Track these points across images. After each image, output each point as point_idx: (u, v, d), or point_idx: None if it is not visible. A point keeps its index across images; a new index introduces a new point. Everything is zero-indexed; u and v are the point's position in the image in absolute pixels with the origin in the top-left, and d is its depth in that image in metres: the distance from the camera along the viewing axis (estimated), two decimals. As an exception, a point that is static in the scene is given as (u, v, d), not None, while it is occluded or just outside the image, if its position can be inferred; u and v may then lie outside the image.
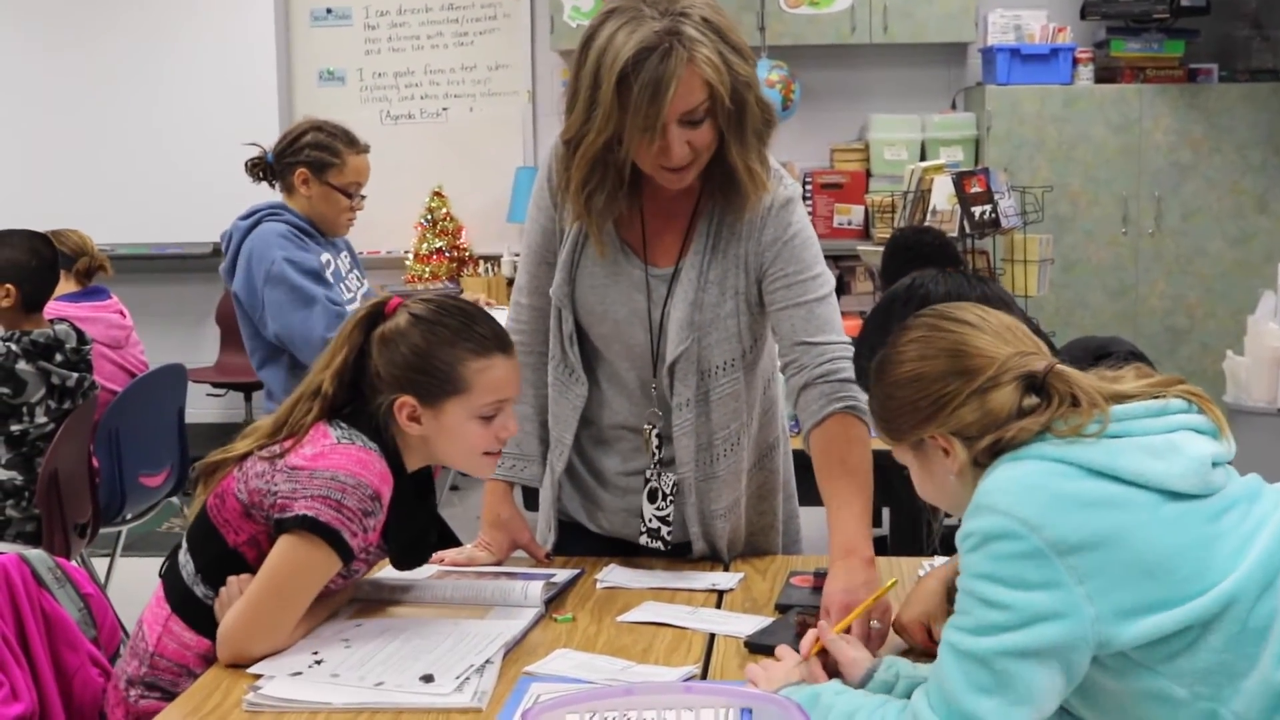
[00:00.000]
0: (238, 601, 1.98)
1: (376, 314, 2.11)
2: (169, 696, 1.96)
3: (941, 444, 1.69)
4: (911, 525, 3.70)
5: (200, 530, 2.09)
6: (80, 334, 3.97)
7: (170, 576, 2.10)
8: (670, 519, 2.37)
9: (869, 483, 2.19)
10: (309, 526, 1.95)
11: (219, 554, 2.05)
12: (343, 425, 2.05)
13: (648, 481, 2.37)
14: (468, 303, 2.18)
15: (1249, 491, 1.63)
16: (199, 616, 2.04)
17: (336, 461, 1.98)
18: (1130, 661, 1.54)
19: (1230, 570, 1.54)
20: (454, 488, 6.49)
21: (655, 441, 2.35)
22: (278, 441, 2.05)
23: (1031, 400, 1.64)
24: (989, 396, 1.65)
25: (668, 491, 2.36)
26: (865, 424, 2.22)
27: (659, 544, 2.38)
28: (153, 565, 2.20)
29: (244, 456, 2.07)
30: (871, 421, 2.22)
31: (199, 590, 2.05)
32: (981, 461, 1.66)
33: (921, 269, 3.92)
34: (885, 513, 4.46)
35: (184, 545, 2.11)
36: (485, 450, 2.11)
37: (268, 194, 3.82)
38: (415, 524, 2.15)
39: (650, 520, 2.38)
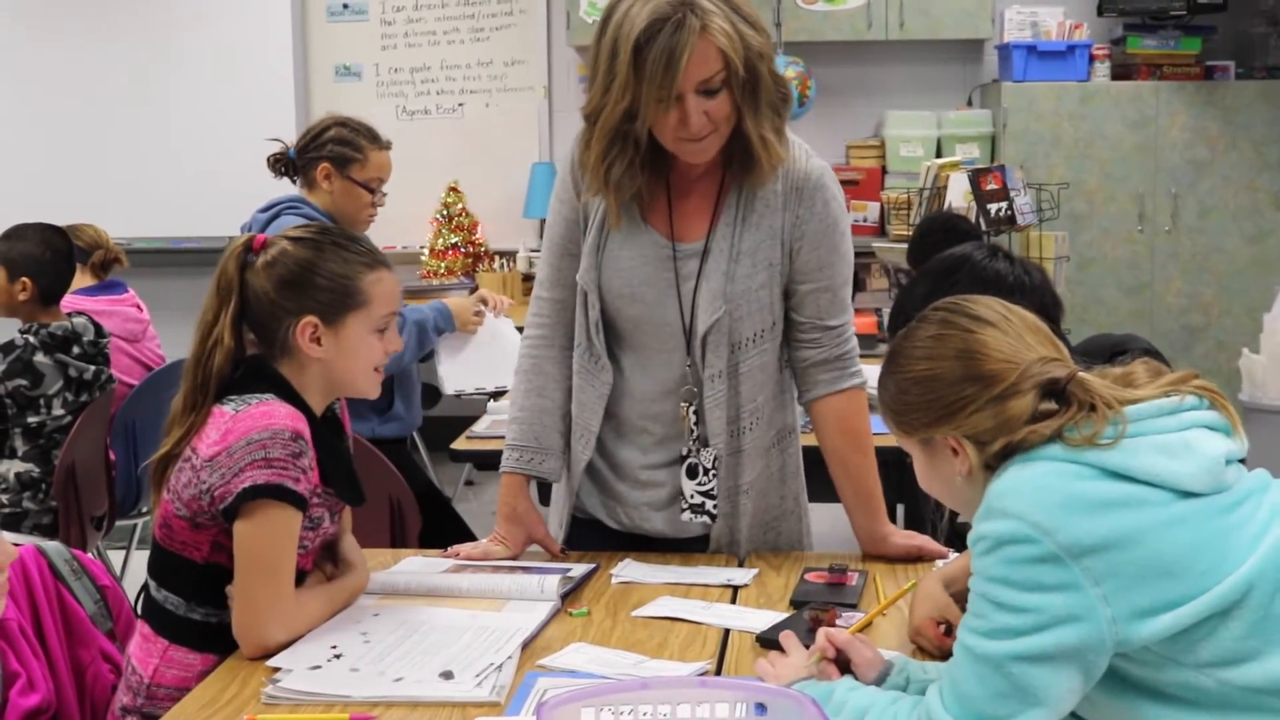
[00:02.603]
0: (235, 599, 1.99)
1: (246, 249, 2.10)
2: None
3: (951, 444, 1.67)
4: (928, 524, 3.70)
5: (163, 565, 2.08)
6: (98, 327, 3.99)
7: (155, 616, 2.08)
8: (714, 492, 2.38)
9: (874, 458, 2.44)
10: (252, 496, 1.96)
11: (197, 575, 2.05)
12: (232, 399, 2.04)
13: (685, 459, 2.38)
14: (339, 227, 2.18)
15: (1260, 484, 1.62)
16: (203, 638, 2.04)
17: (243, 428, 1.98)
18: (1152, 654, 1.53)
19: (1247, 558, 1.53)
20: (469, 483, 6.49)
21: (693, 418, 2.36)
22: (188, 440, 2.03)
23: (1049, 405, 1.61)
24: (1008, 404, 1.61)
25: (709, 466, 2.37)
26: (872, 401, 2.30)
27: (705, 518, 2.39)
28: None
29: (175, 446, 2.05)
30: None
31: (197, 615, 2.05)
32: (991, 465, 1.64)
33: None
34: (900, 510, 4.45)
35: (153, 584, 2.09)
36: (375, 366, 2.14)
37: (286, 188, 3.83)
38: (342, 461, 2.15)
39: (692, 496, 2.38)
